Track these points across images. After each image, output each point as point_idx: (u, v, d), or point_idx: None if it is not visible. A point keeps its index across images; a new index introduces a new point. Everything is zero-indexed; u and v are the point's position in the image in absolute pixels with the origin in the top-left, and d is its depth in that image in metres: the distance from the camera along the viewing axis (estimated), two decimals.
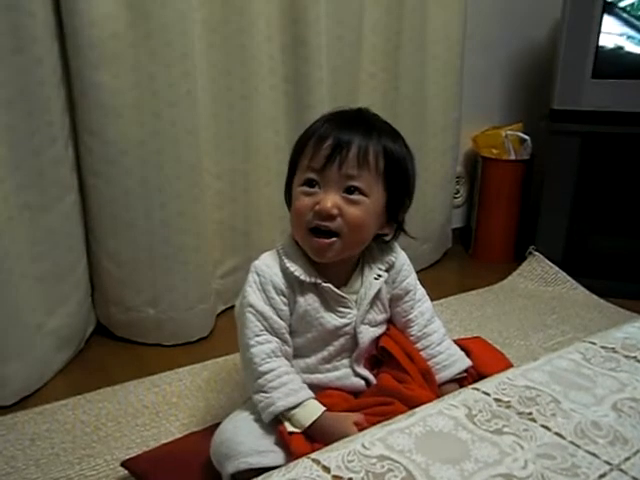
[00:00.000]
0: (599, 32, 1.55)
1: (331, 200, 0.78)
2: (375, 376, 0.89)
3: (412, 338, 0.91)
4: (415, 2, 1.60)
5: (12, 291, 1.09)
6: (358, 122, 0.82)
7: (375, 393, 0.85)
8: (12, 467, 0.93)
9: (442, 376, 0.88)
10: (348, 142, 0.78)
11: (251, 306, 0.82)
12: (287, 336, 0.83)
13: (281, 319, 0.82)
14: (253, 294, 0.82)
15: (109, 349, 1.33)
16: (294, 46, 1.40)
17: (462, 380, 0.89)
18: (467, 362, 0.90)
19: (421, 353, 0.89)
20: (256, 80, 1.37)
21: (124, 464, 0.91)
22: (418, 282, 0.94)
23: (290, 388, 0.78)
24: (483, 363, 0.91)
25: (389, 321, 0.92)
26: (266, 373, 0.79)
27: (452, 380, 0.88)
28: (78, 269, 1.28)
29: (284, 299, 0.83)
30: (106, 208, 1.26)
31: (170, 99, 1.21)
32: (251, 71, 1.36)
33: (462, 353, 0.91)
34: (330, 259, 0.82)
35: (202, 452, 0.93)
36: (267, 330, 0.81)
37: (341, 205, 0.78)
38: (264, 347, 0.80)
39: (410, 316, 0.91)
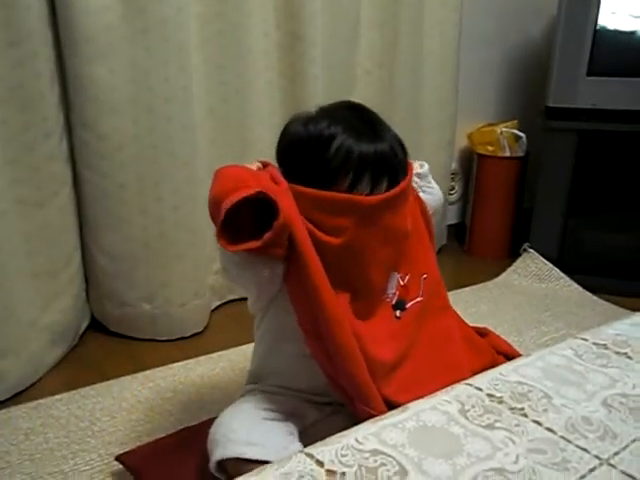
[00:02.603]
0: (594, 30, 1.56)
1: None
2: None
3: None
4: None
5: (6, 286, 1.08)
6: (390, 141, 0.79)
7: None
8: (6, 462, 0.93)
9: None
10: (397, 181, 0.78)
11: None
12: None
13: None
14: None
15: (103, 344, 1.33)
16: (290, 42, 1.40)
17: None
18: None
19: None
20: (251, 75, 1.37)
21: (118, 458, 0.92)
22: None
23: None
24: (498, 343, 0.96)
25: None
26: None
27: None
28: (72, 264, 1.27)
29: None
30: (101, 203, 1.25)
31: (165, 94, 1.21)
32: (246, 66, 1.36)
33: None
34: None
35: (196, 447, 0.93)
36: None
37: None
38: None
39: None
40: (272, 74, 1.41)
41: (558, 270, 1.71)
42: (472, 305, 1.56)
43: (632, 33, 1.57)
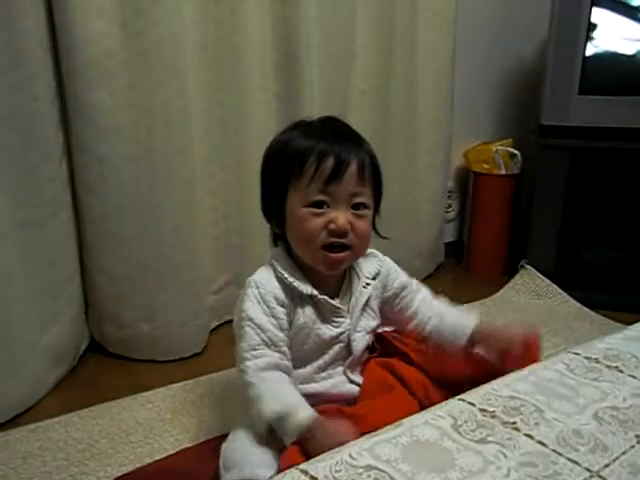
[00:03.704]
0: (585, 50, 1.59)
1: (344, 218, 0.81)
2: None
3: (421, 324, 0.95)
4: (405, 21, 1.63)
5: (6, 308, 1.09)
6: (347, 135, 0.85)
7: (368, 387, 0.88)
8: None
9: (464, 338, 0.92)
10: (348, 159, 0.81)
11: (250, 319, 0.83)
12: (286, 349, 0.84)
13: (281, 331, 0.83)
14: (252, 307, 0.83)
15: (102, 366, 1.33)
16: (286, 64, 1.42)
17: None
18: (475, 318, 0.94)
19: (434, 332, 0.94)
20: (248, 97, 1.39)
21: None
22: (408, 277, 0.98)
23: (280, 397, 0.79)
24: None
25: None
26: (257, 384, 0.80)
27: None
28: (72, 285, 1.28)
29: (285, 310, 0.84)
30: (100, 224, 1.27)
31: (164, 116, 1.23)
32: (243, 88, 1.38)
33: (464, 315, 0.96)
34: (341, 270, 0.87)
35: (195, 468, 0.93)
36: (265, 344, 0.82)
37: (352, 221, 0.82)
38: (258, 361, 0.81)
39: (414, 307, 0.95)
40: (269, 95, 1.44)
41: (555, 286, 1.72)
42: None
43: (622, 53, 1.60)
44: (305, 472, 0.53)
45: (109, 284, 1.31)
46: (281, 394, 0.79)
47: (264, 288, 0.84)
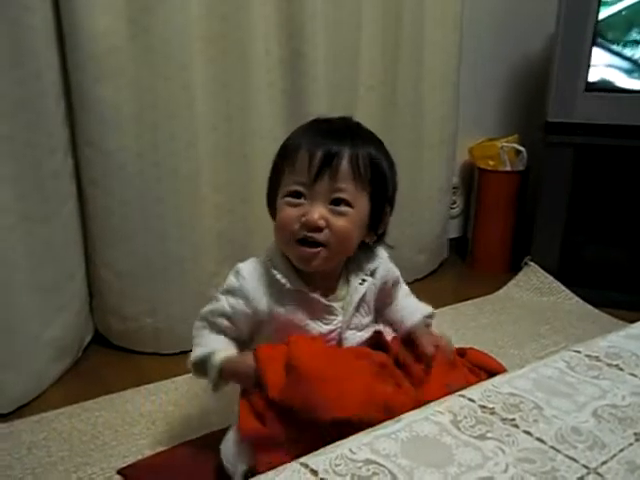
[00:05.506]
0: (591, 47, 1.58)
1: (318, 212, 0.79)
2: None
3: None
4: (412, 17, 1.63)
5: (11, 301, 1.10)
6: (344, 132, 0.83)
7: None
8: (8, 476, 0.94)
9: (412, 320, 0.95)
10: (337, 155, 0.79)
11: (229, 292, 0.87)
12: (245, 339, 0.89)
13: (247, 325, 0.87)
14: (232, 288, 0.87)
15: (106, 358, 1.34)
16: (292, 60, 1.42)
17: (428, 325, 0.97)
18: (429, 308, 0.98)
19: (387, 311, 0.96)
20: (254, 93, 1.39)
21: (120, 472, 0.93)
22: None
23: (208, 343, 0.86)
24: (478, 358, 0.95)
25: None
26: (197, 336, 0.89)
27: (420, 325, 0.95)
28: (76, 279, 1.29)
29: (264, 303, 0.85)
30: (104, 219, 1.27)
31: (169, 112, 1.23)
32: (249, 84, 1.38)
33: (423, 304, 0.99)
34: (316, 268, 0.83)
35: (197, 460, 0.94)
36: (229, 319, 0.87)
37: (328, 217, 0.80)
38: (213, 328, 0.88)
39: (397, 299, 0.98)
40: (274, 91, 1.44)
41: (559, 283, 1.72)
42: (473, 319, 1.57)
43: (627, 50, 1.59)
44: (305, 465, 0.53)
45: (113, 277, 1.32)
46: (210, 341, 0.85)
47: (247, 279, 0.85)
